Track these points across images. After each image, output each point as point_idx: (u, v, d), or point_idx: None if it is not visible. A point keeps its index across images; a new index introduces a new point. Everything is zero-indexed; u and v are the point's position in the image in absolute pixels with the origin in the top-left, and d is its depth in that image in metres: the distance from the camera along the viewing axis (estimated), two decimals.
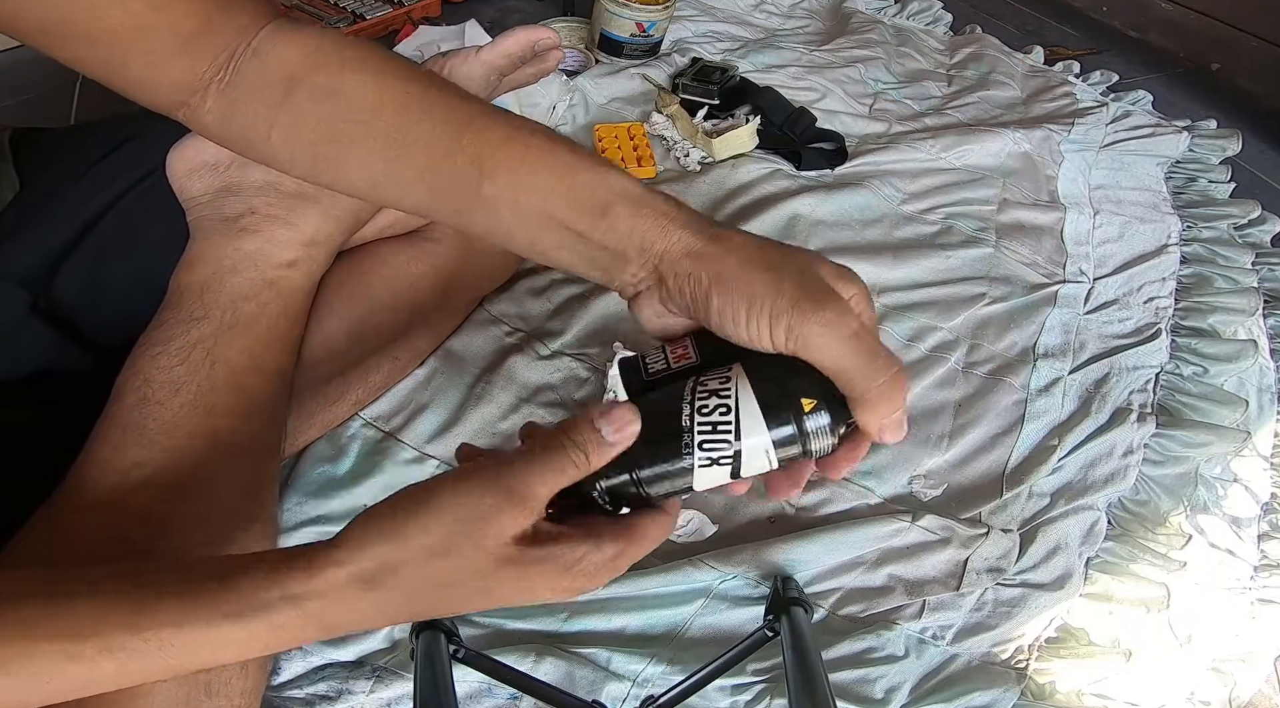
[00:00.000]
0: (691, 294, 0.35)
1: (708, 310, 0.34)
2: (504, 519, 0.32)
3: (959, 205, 0.99)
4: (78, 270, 0.53)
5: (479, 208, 0.38)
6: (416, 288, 0.64)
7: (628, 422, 0.34)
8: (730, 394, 0.34)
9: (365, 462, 0.64)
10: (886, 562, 0.64)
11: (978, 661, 0.60)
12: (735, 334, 0.34)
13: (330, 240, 0.56)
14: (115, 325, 0.53)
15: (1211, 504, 0.72)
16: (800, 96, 1.10)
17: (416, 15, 1.23)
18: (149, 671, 0.33)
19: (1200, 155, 1.15)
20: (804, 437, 0.33)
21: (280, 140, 0.41)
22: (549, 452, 0.33)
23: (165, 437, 0.47)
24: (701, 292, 0.34)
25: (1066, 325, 0.86)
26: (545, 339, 0.75)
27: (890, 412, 0.33)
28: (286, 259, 0.54)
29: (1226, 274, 0.95)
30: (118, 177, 0.55)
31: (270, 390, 0.52)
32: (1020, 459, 0.73)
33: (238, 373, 0.50)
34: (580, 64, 1.15)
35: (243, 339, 0.51)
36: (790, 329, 0.32)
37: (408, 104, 0.39)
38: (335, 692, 0.53)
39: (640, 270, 0.36)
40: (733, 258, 0.34)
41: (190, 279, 0.52)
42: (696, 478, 0.34)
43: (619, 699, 0.55)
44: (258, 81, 0.40)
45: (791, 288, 0.33)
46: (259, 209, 0.53)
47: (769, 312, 0.32)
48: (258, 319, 0.52)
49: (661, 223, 0.36)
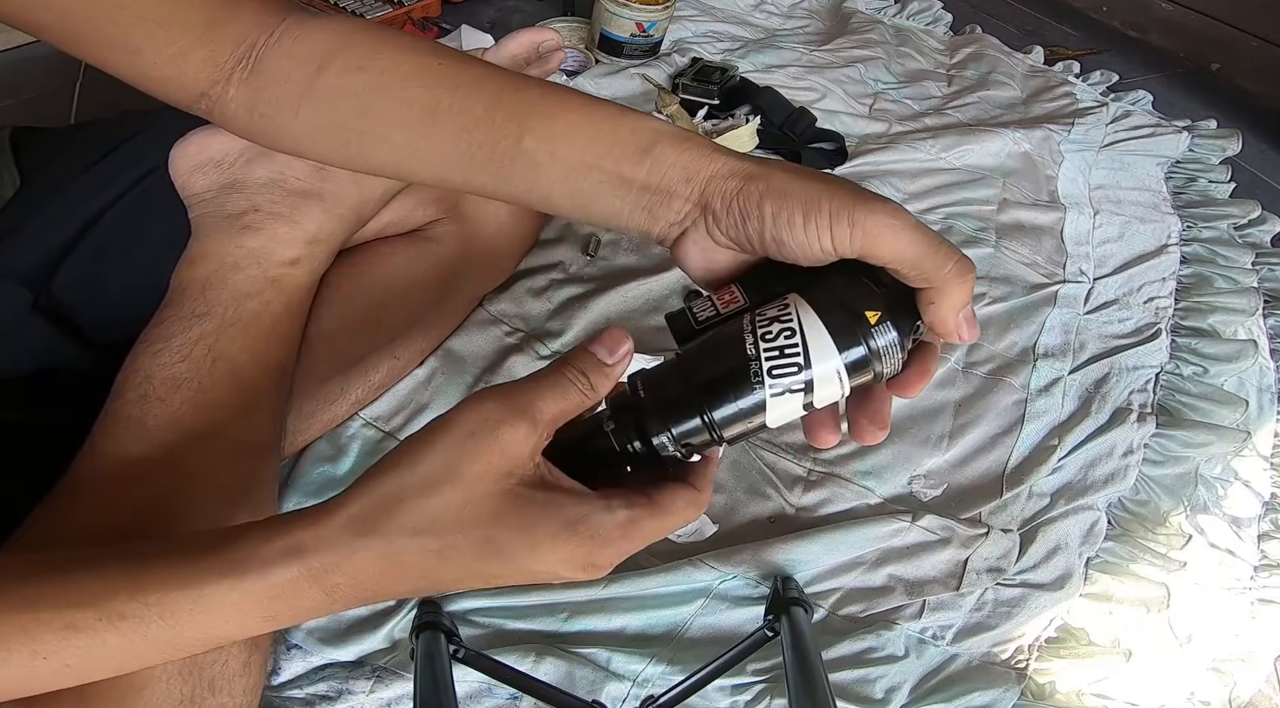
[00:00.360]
0: (742, 209, 0.34)
1: (761, 222, 0.34)
2: (505, 432, 0.31)
3: (959, 205, 0.99)
4: (78, 268, 0.53)
5: (518, 163, 0.38)
6: (416, 287, 0.64)
7: (620, 341, 0.34)
8: (792, 319, 0.33)
9: (365, 462, 0.64)
10: (886, 562, 0.64)
11: (978, 661, 0.60)
12: (792, 241, 0.34)
13: (332, 239, 0.57)
14: (116, 323, 0.53)
15: (1211, 504, 0.72)
16: (800, 96, 1.10)
17: (417, 15, 1.23)
18: (150, 641, 0.32)
19: (1200, 155, 1.15)
20: (873, 354, 0.32)
21: (308, 118, 0.41)
22: (550, 375, 0.33)
23: (165, 433, 0.47)
24: (754, 203, 0.34)
25: (1066, 325, 0.86)
26: (545, 339, 0.75)
27: (964, 301, 0.33)
28: (289, 257, 0.54)
29: (1226, 274, 0.95)
30: (118, 175, 0.55)
31: (271, 388, 0.52)
32: (1020, 459, 0.73)
33: (239, 370, 0.50)
34: (580, 64, 1.15)
35: (244, 336, 0.51)
36: (855, 224, 0.32)
37: (441, 73, 0.39)
38: (335, 692, 0.53)
39: (686, 203, 0.36)
40: (781, 171, 0.35)
41: (192, 276, 0.52)
42: (770, 411, 0.33)
43: (619, 699, 0.55)
44: (284, 66, 0.41)
45: (846, 191, 0.33)
46: (262, 206, 0.53)
47: (829, 211, 0.32)
48: (259, 316, 0.52)
49: (706, 152, 0.36)
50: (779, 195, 0.34)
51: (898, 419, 0.74)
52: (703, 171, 0.36)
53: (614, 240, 0.85)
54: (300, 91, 0.40)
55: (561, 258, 0.82)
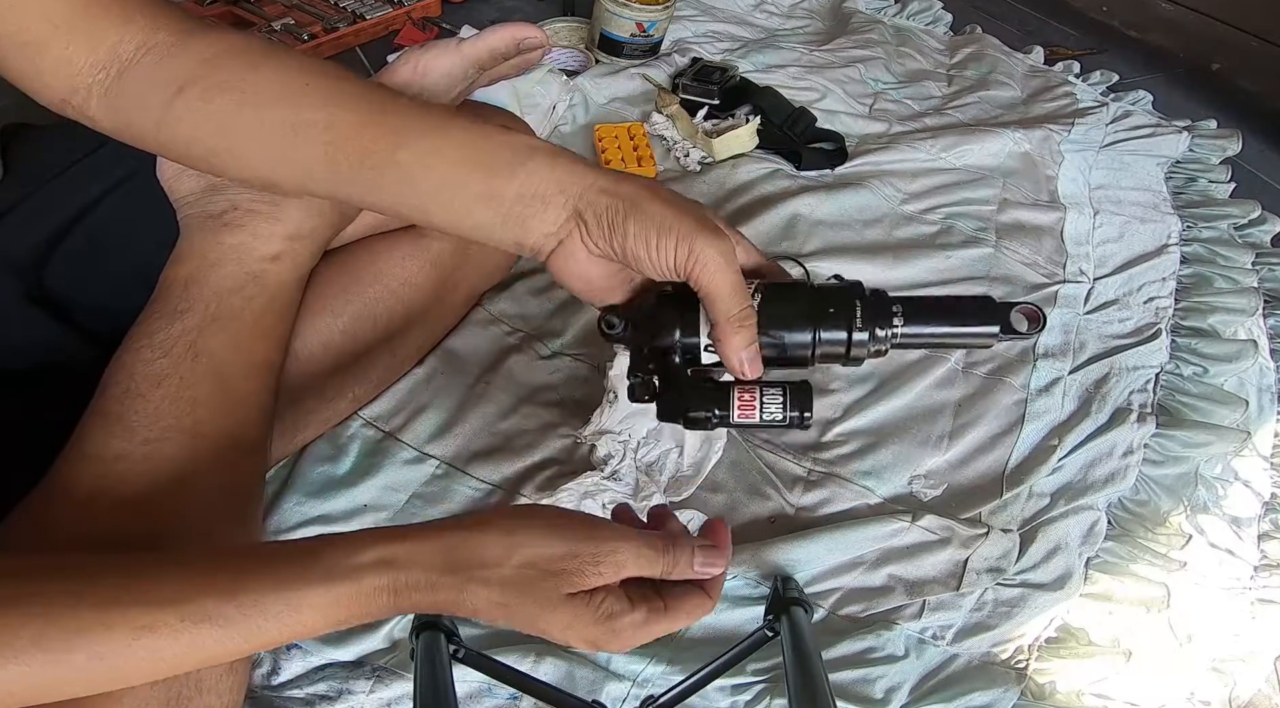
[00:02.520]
0: (610, 223, 0.39)
1: (625, 236, 0.39)
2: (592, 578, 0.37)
3: (959, 205, 0.99)
4: (71, 259, 0.53)
5: (389, 176, 0.40)
6: (412, 284, 0.64)
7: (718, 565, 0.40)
8: None
9: (365, 462, 0.64)
10: (886, 562, 0.64)
11: (978, 661, 0.60)
12: (646, 258, 0.39)
13: (316, 234, 0.56)
14: (109, 317, 0.53)
15: (1211, 504, 0.72)
16: (800, 96, 1.10)
17: (416, 15, 1.23)
18: (224, 643, 0.34)
19: (1200, 155, 1.15)
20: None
21: (168, 136, 0.43)
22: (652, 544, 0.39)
23: (146, 429, 0.46)
24: (620, 219, 0.38)
25: (1066, 325, 0.86)
26: (545, 339, 0.75)
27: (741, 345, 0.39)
28: (270, 252, 0.54)
29: (1226, 274, 0.95)
30: (109, 169, 0.55)
31: (256, 386, 0.52)
32: (1020, 459, 0.73)
33: (221, 367, 0.50)
34: (580, 64, 1.15)
35: (226, 333, 0.51)
36: (692, 251, 0.38)
37: (310, 93, 0.42)
38: (335, 692, 0.53)
39: (561, 212, 0.39)
40: (644, 193, 0.39)
41: (176, 274, 0.52)
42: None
43: (619, 699, 0.55)
44: (146, 84, 0.43)
45: (697, 221, 0.38)
46: (242, 205, 0.53)
47: (677, 234, 0.38)
48: (242, 313, 0.52)
49: (577, 167, 0.40)
50: (641, 215, 0.38)
51: (898, 419, 0.74)
52: (575, 185, 0.39)
53: None
54: (157, 116, 0.43)
55: None
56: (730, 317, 0.39)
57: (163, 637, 0.33)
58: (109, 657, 0.32)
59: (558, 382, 0.72)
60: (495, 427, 0.68)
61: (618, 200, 0.39)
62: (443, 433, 0.67)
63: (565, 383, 0.72)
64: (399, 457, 0.65)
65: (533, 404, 0.70)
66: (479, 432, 0.68)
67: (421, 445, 0.66)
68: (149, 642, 0.32)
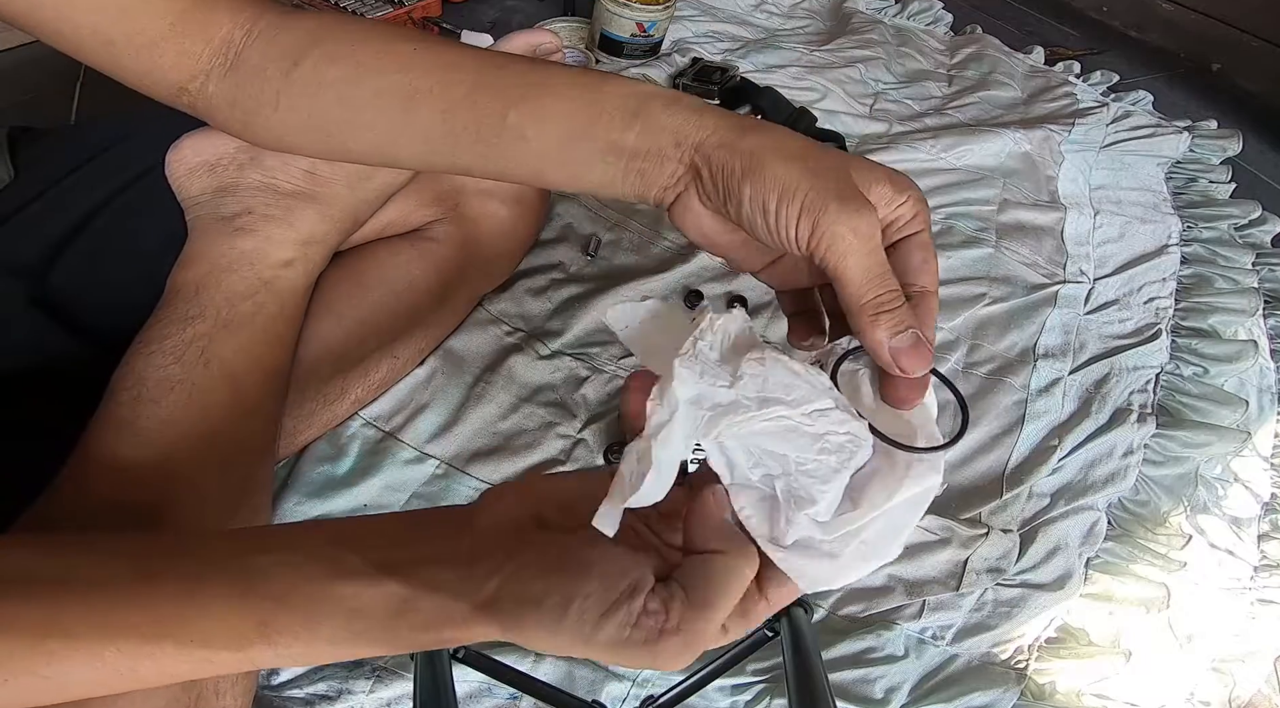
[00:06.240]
0: (725, 185, 0.34)
1: (739, 202, 0.33)
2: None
3: (959, 205, 0.99)
4: (76, 262, 0.53)
5: (504, 139, 0.38)
6: (415, 288, 0.64)
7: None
8: None
9: (365, 462, 0.64)
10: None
11: (978, 661, 0.60)
12: (759, 223, 0.33)
13: (327, 240, 0.56)
14: (115, 320, 0.52)
15: (1211, 504, 0.72)
16: (800, 96, 1.10)
17: (417, 15, 1.23)
18: (266, 660, 0.31)
19: (1200, 156, 1.15)
20: None
21: (288, 110, 0.42)
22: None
23: (157, 435, 0.46)
24: (735, 182, 0.33)
25: (1067, 326, 0.86)
26: (545, 339, 0.75)
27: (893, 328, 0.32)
28: (283, 259, 0.54)
29: (1227, 274, 0.95)
30: (117, 171, 0.55)
31: (265, 391, 0.52)
32: (1020, 459, 0.73)
33: (233, 372, 0.50)
34: (581, 64, 1.15)
35: (238, 338, 0.50)
36: (816, 226, 0.31)
37: (417, 59, 0.40)
38: (335, 692, 0.53)
39: (679, 166, 0.36)
40: (769, 147, 0.33)
41: (186, 278, 0.52)
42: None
43: (619, 699, 0.55)
44: (261, 60, 0.42)
45: (829, 185, 0.32)
46: (255, 209, 0.53)
47: (801, 203, 0.31)
48: (253, 319, 0.51)
49: (696, 114, 0.35)
50: (760, 176, 0.32)
51: None
52: (692, 136, 0.35)
53: (614, 240, 0.85)
54: (278, 86, 0.42)
55: (561, 258, 0.82)
56: (862, 304, 0.32)
57: (217, 666, 0.31)
58: (127, 672, 0.31)
59: (558, 382, 0.72)
60: (495, 427, 0.68)
61: (735, 157, 0.33)
62: (443, 433, 0.67)
63: (565, 383, 0.72)
64: (399, 457, 0.65)
65: (533, 404, 0.70)
66: (479, 432, 0.68)
67: (422, 445, 0.66)
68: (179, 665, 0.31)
